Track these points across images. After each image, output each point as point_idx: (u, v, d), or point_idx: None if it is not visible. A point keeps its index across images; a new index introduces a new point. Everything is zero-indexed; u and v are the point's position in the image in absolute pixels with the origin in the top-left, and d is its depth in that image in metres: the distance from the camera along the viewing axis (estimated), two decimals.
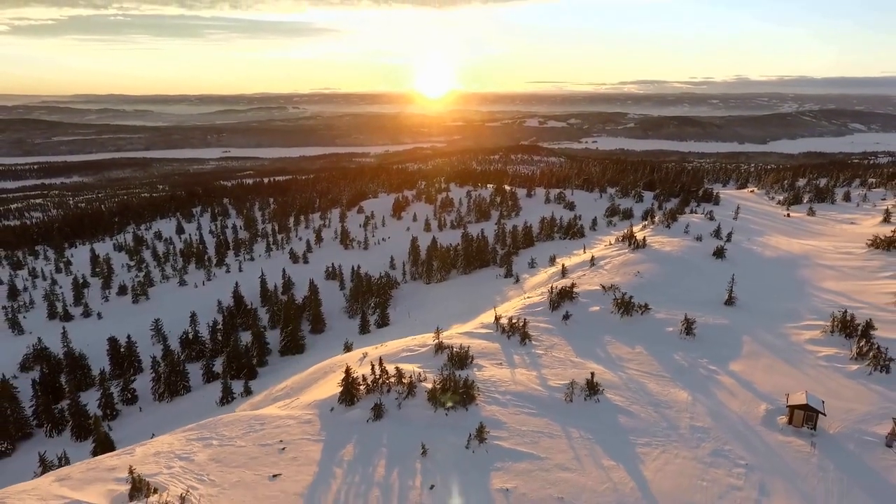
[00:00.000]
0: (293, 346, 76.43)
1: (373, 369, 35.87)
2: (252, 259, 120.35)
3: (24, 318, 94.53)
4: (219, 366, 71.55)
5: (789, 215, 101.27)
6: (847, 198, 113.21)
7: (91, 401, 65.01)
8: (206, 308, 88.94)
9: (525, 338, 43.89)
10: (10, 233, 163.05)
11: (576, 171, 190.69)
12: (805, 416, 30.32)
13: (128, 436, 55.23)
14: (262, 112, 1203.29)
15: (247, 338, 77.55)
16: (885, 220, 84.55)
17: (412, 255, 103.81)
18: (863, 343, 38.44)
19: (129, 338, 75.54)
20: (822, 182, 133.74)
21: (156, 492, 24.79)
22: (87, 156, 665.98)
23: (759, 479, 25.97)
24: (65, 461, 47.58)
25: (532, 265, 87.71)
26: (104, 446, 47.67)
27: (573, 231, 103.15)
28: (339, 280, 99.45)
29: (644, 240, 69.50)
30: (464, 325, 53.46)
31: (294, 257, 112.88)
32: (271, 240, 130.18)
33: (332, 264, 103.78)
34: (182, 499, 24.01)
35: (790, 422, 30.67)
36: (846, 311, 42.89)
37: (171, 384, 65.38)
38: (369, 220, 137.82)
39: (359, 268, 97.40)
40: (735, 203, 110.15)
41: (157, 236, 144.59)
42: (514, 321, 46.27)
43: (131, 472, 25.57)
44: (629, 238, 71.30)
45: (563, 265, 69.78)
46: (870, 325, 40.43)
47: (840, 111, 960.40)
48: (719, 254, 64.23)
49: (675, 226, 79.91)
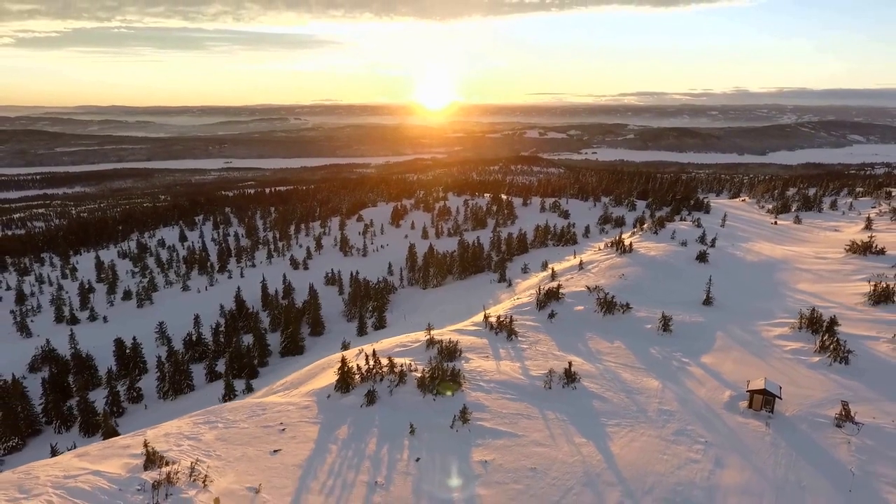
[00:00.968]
0: (293, 348, 79.09)
1: (367, 360, 38.58)
2: (253, 265, 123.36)
3: (32, 321, 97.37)
4: (221, 366, 74.21)
5: (776, 223, 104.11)
6: (834, 206, 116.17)
7: (98, 399, 67.58)
8: (209, 312, 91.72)
9: (511, 334, 46.57)
10: (16, 240, 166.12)
11: (572, 181, 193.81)
12: (763, 401, 32.95)
13: (134, 430, 57.74)
14: (264, 123, 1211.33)
15: (248, 340, 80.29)
16: (867, 227, 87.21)
17: (409, 262, 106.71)
18: (826, 337, 41.06)
19: (134, 339, 78.25)
20: (812, 191, 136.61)
21: (167, 464, 27.40)
22: (89, 166, 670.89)
23: (715, 454, 28.56)
24: None
25: (525, 270, 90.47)
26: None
27: (566, 238, 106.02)
28: (339, 285, 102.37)
29: (630, 245, 72.37)
30: (455, 325, 56.15)
31: (294, 264, 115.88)
32: (272, 247, 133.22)
33: (332, 270, 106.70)
34: (191, 468, 26.60)
35: (750, 406, 33.29)
36: (814, 309, 45.55)
37: (176, 383, 67.95)
38: (368, 227, 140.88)
39: (357, 273, 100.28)
40: (724, 211, 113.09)
41: (161, 244, 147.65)
42: (501, 319, 48.97)
43: (146, 445, 28.19)
44: (617, 244, 74.15)
45: (552, 269, 72.56)
46: (834, 322, 43.16)
47: (839, 122, 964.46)
48: (702, 258, 67.04)
49: (662, 232, 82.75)
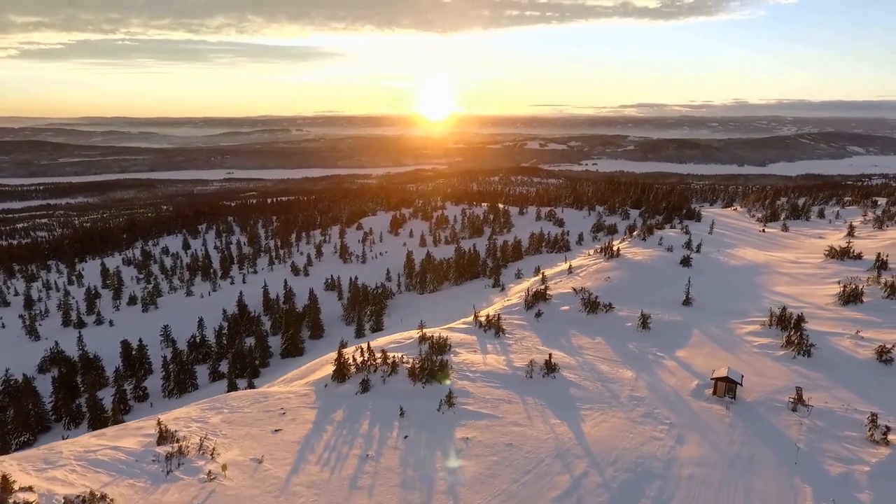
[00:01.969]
0: (293, 349, 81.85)
1: (361, 352, 41.41)
2: (255, 272, 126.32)
3: (40, 325, 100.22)
4: (224, 367, 76.95)
5: (764, 231, 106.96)
6: (821, 215, 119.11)
7: (105, 398, 70.28)
8: (212, 316, 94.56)
9: (499, 331, 49.39)
10: (23, 248, 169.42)
11: (569, 191, 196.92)
12: (726, 387, 35.72)
13: None
14: (266, 134, 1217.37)
15: (250, 342, 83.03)
16: (850, 234, 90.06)
17: (407, 268, 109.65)
18: (792, 333, 43.88)
19: (140, 341, 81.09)
20: (802, 201, 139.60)
21: (178, 440, 30.19)
22: (92, 177, 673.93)
23: (677, 433, 31.30)
24: None
25: (518, 276, 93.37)
26: None
27: (559, 245, 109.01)
28: (338, 291, 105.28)
29: (618, 250, 75.30)
30: (448, 324, 58.96)
31: (295, 270, 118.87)
32: (274, 254, 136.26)
33: (332, 276, 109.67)
34: (200, 444, 29.38)
35: (714, 392, 36.05)
36: (784, 308, 48.38)
37: (180, 382, 70.70)
38: (368, 235, 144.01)
39: (356, 279, 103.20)
40: (715, 220, 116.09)
41: (165, 251, 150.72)
42: (490, 318, 51.79)
43: (159, 423, 31.02)
44: (606, 249, 77.03)
45: (543, 274, 75.25)
46: (801, 319, 45.93)
47: (838, 134, 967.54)
48: (686, 262, 69.83)
49: (650, 239, 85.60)
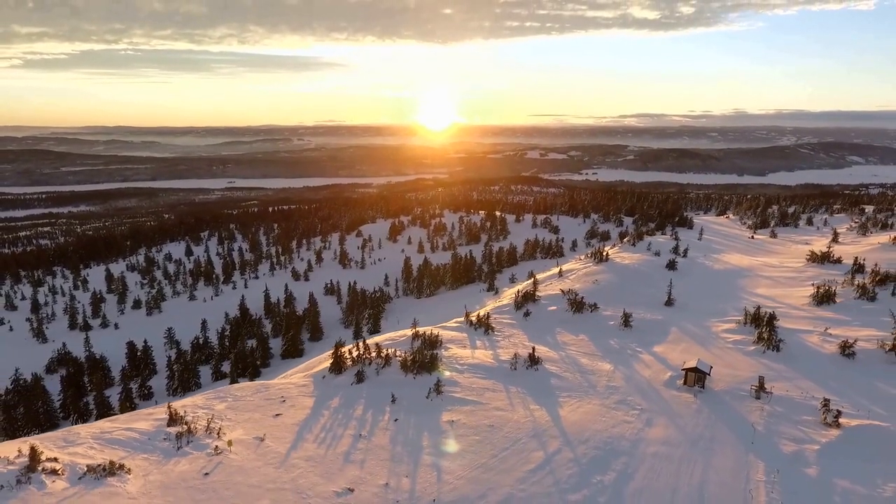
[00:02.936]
0: (293, 351, 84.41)
1: (357, 346, 44.14)
2: (257, 277, 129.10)
3: (47, 328, 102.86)
4: (226, 367, 79.55)
5: (753, 237, 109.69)
6: (810, 222, 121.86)
7: (112, 396, 72.87)
8: (215, 319, 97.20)
9: (488, 329, 52.07)
10: (29, 254, 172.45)
11: (567, 199, 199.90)
12: (696, 377, 38.32)
13: None
14: (268, 144, 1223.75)
15: (252, 343, 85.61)
16: (834, 240, 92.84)
17: (405, 274, 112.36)
18: (763, 330, 46.54)
19: (145, 342, 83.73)
20: (793, 209, 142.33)
21: (187, 422, 32.82)
22: (94, 185, 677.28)
23: (647, 417, 33.89)
24: None
25: (513, 280, 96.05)
26: None
27: (553, 251, 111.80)
28: (337, 295, 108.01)
29: (607, 255, 78.06)
30: (440, 324, 61.64)
31: (296, 275, 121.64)
32: (275, 260, 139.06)
33: (331, 281, 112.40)
34: (207, 425, 31.98)
35: (685, 382, 38.64)
36: (758, 308, 51.03)
37: (184, 381, 73.28)
38: (367, 242, 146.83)
39: (355, 284, 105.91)
40: (705, 225, 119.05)
41: (168, 258, 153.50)
42: (480, 317, 54.55)
43: (169, 406, 33.70)
44: (596, 254, 79.79)
45: (535, 277, 77.91)
46: (773, 317, 48.53)
47: (838, 144, 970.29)
48: (671, 266, 72.58)
49: (640, 244, 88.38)
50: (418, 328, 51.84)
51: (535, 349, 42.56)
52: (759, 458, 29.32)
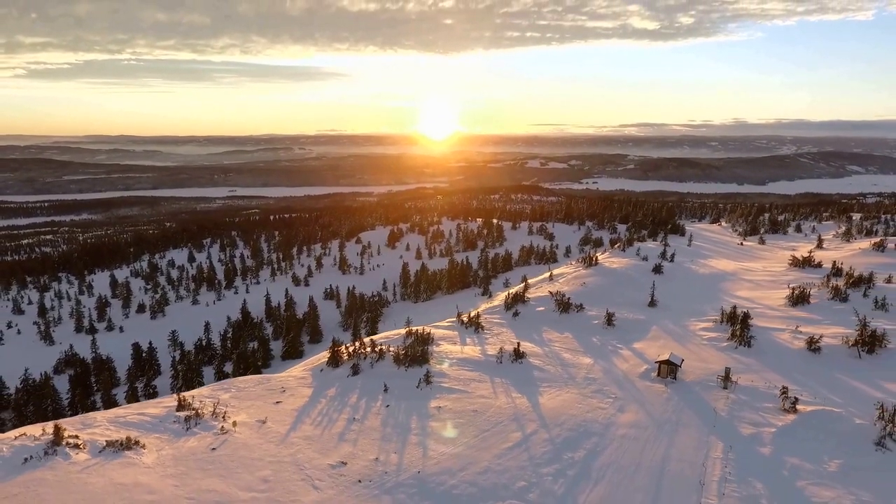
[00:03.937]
0: (293, 352, 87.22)
1: (353, 342, 46.96)
2: (258, 283, 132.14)
3: (54, 331, 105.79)
4: (229, 367, 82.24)
5: (742, 244, 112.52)
6: (798, 229, 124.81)
7: (119, 395, 75.59)
8: (217, 322, 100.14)
9: (478, 328, 54.89)
10: (34, 261, 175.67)
11: (564, 207, 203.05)
12: (668, 370, 41.05)
13: None
14: (269, 153, 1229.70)
15: (253, 345, 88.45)
16: (818, 246, 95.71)
17: (402, 279, 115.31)
18: (736, 328, 49.32)
19: (150, 344, 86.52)
20: (783, 217, 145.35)
21: (195, 408, 35.59)
22: (96, 194, 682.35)
23: (620, 404, 36.61)
24: None
25: (506, 285, 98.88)
26: None
27: (548, 257, 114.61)
28: (336, 299, 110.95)
29: (596, 259, 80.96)
30: (433, 323, 64.45)
31: (296, 280, 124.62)
32: (276, 266, 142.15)
33: (331, 286, 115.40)
34: (213, 409, 34.78)
35: (658, 374, 41.36)
36: (735, 307, 53.80)
37: (188, 380, 75.95)
38: (366, 249, 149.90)
39: (354, 288, 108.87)
40: (697, 233, 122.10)
41: (171, 264, 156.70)
42: (471, 316, 57.39)
43: (178, 393, 36.48)
44: (586, 259, 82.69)
45: (527, 281, 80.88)
46: (747, 316, 51.25)
47: (838, 153, 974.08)
48: (657, 270, 75.42)
49: (629, 250, 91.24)
50: (412, 327, 54.70)
51: (519, 344, 45.34)
52: (719, 439, 32.01)
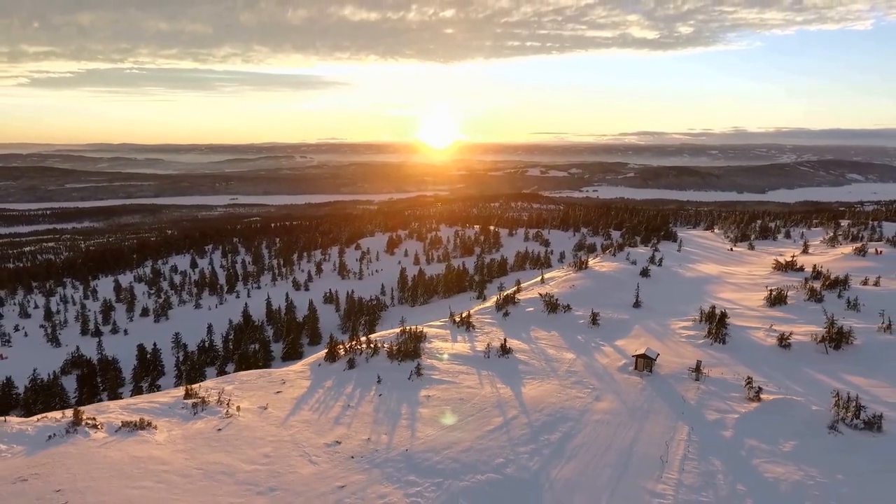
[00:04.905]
0: (293, 353, 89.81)
1: (349, 338, 49.68)
2: (259, 287, 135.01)
3: (60, 334, 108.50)
4: (230, 368, 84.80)
5: (732, 249, 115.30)
6: (788, 235, 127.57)
7: (124, 394, 78.21)
8: (219, 325, 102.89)
9: (469, 326, 57.58)
10: (39, 267, 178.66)
11: (560, 214, 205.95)
12: (644, 363, 43.70)
13: None
14: (271, 161, 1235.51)
15: (254, 347, 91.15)
16: (804, 252, 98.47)
17: (400, 283, 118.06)
18: (713, 326, 52.01)
19: (154, 346, 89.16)
20: (774, 223, 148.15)
21: (201, 396, 38.30)
22: (98, 202, 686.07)
23: (597, 394, 39.25)
24: None
25: (501, 289, 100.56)
26: None
27: (542, 262, 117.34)
28: (336, 303, 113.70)
29: (586, 263, 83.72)
30: (427, 323, 67.17)
31: (297, 285, 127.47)
32: (276, 272, 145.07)
33: (330, 290, 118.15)
34: (219, 397, 37.54)
35: (635, 367, 44.04)
36: (713, 307, 56.48)
37: (192, 379, 78.49)
38: (365, 255, 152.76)
39: (353, 293, 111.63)
40: (689, 239, 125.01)
41: (174, 270, 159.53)
42: (463, 316, 60.07)
43: (185, 383, 39.17)
44: (577, 263, 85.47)
45: (519, 284, 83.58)
46: (724, 315, 53.89)
47: (838, 162, 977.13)
48: (644, 273, 78.19)
49: (620, 255, 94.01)
50: (405, 326, 57.41)
51: (506, 340, 48.05)
52: (686, 424, 34.63)
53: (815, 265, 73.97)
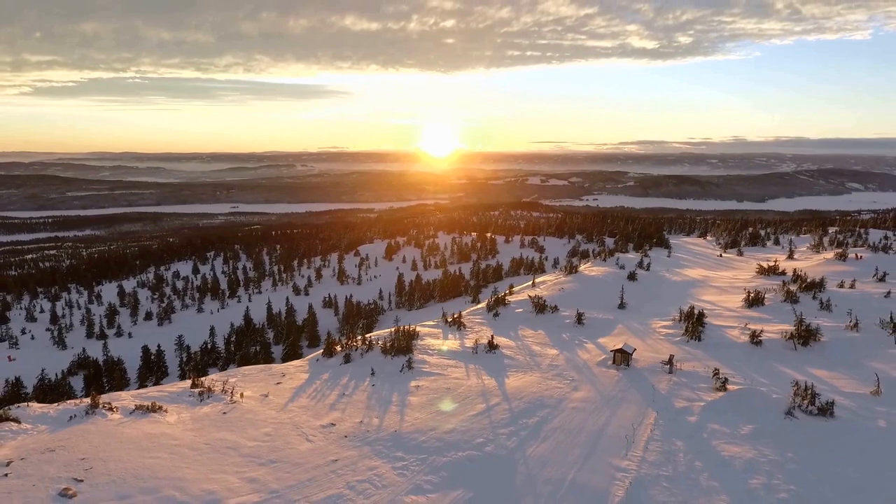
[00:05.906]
0: (293, 355, 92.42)
1: (346, 335, 52.62)
2: (260, 292, 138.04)
3: (66, 337, 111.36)
4: (232, 369, 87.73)
5: (722, 255, 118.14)
6: (777, 242, 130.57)
7: None
8: (221, 328, 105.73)
9: (461, 326, 60.47)
10: (44, 273, 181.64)
11: (556, 222, 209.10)
12: (622, 357, 46.55)
13: None
14: (272, 170, 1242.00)
15: (255, 349, 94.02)
16: (789, 257, 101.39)
17: (398, 288, 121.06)
18: (689, 324, 54.92)
19: (158, 347, 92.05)
20: (765, 230, 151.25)
21: (207, 386, 41.20)
22: (99, 210, 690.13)
23: (575, 385, 42.10)
24: None
25: (495, 293, 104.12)
26: None
27: (536, 268, 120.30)
28: (334, 307, 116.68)
29: (576, 268, 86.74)
30: (421, 323, 70.11)
31: (297, 290, 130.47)
32: (277, 278, 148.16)
33: (329, 295, 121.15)
34: (223, 387, 40.44)
35: (613, 362, 46.92)
36: (692, 307, 59.37)
37: (196, 375, 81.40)
38: (364, 261, 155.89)
39: (351, 297, 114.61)
40: (681, 245, 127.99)
41: (176, 275, 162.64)
42: (455, 317, 63.03)
43: (192, 376, 42.12)
44: (567, 268, 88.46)
45: (511, 288, 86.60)
46: (702, 314, 56.74)
47: (837, 171, 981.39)
48: (632, 277, 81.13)
49: (609, 260, 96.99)
50: (400, 326, 60.35)
51: (494, 338, 50.98)
52: (654, 410, 37.48)
53: (796, 270, 76.78)
